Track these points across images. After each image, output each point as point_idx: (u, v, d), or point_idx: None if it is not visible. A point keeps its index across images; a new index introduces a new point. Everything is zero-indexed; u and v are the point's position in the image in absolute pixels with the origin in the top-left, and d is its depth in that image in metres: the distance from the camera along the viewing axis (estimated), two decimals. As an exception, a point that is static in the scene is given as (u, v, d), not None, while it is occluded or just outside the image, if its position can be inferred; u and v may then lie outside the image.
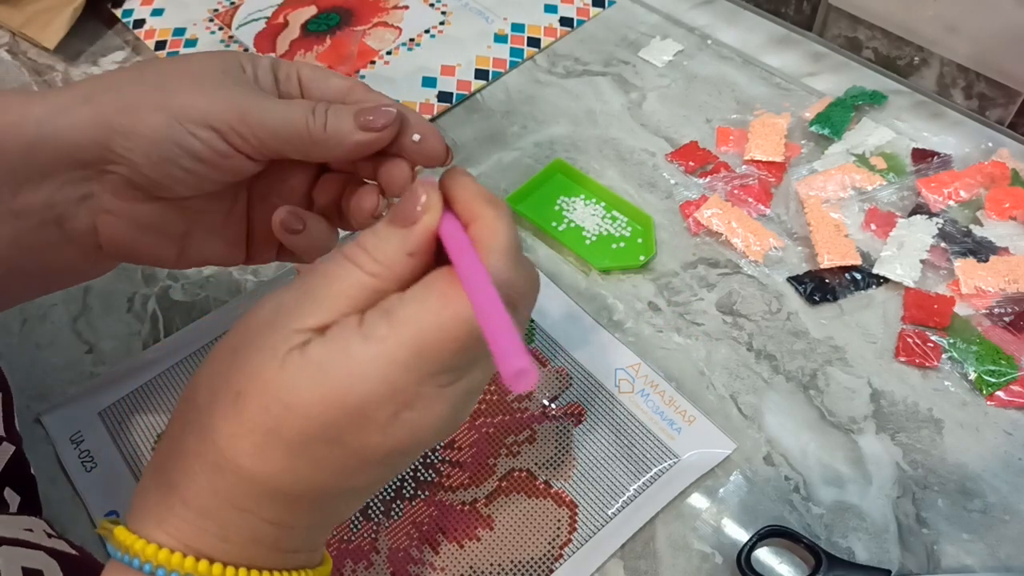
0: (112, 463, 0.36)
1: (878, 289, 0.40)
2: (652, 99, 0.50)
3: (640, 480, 0.34)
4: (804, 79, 0.50)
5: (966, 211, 0.43)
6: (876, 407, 0.36)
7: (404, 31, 0.55)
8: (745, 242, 0.42)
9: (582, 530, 0.33)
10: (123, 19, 0.57)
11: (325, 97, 0.28)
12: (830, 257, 0.41)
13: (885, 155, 0.45)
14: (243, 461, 0.21)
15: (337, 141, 0.27)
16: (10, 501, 0.31)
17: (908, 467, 0.35)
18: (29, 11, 0.56)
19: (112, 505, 0.34)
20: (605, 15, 0.56)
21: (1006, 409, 0.36)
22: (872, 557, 0.32)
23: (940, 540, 0.33)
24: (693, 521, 0.34)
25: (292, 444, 0.21)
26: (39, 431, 0.37)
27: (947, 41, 0.48)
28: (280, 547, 0.23)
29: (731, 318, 0.40)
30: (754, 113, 0.48)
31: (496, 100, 0.51)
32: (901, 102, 0.48)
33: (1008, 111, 0.48)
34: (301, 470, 0.22)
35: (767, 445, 0.36)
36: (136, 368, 0.39)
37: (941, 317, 0.38)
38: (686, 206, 0.44)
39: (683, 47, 0.53)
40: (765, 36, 0.53)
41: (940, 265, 0.41)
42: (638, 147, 0.47)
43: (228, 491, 0.22)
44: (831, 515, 0.34)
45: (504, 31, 0.55)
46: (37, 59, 0.56)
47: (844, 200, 0.43)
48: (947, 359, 0.38)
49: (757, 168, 0.45)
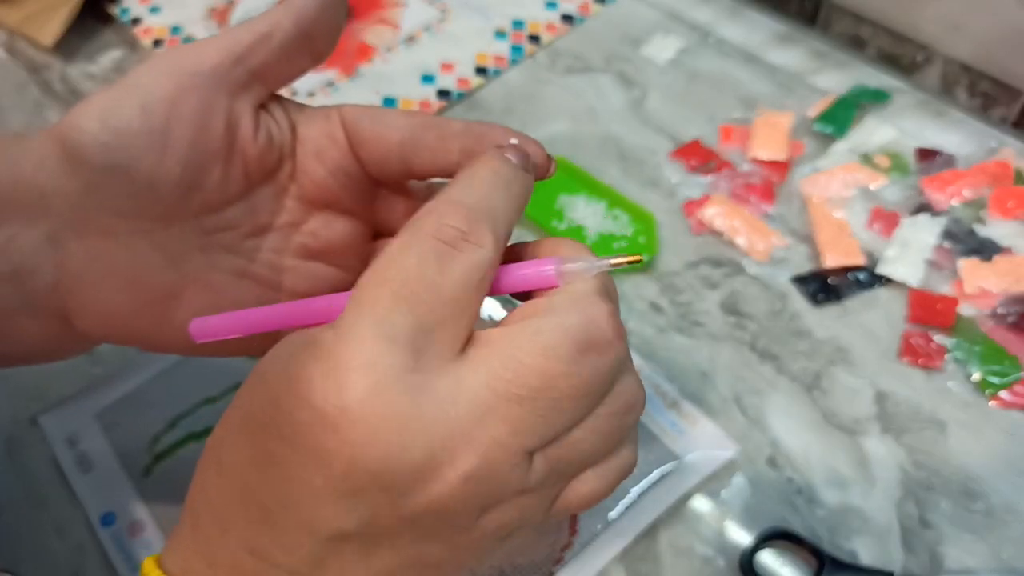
0: (109, 465, 0.36)
1: (882, 289, 0.40)
2: (654, 97, 0.50)
3: (642, 482, 0.34)
4: (807, 77, 0.50)
5: (970, 210, 0.43)
6: (880, 408, 0.36)
7: (403, 28, 0.55)
8: (748, 241, 0.42)
9: (583, 533, 0.33)
10: (120, 17, 0.57)
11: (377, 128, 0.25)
12: (834, 257, 0.41)
13: (889, 154, 0.45)
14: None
15: None
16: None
17: (911, 469, 0.34)
18: (26, 9, 0.55)
19: (109, 507, 0.34)
20: (606, 12, 0.55)
21: (1009, 410, 0.36)
22: (875, 559, 0.32)
23: (943, 542, 0.33)
24: (695, 524, 0.33)
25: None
26: (36, 432, 0.37)
27: (950, 40, 0.48)
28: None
29: (734, 318, 0.40)
30: (757, 111, 0.48)
31: (496, 97, 0.51)
32: (904, 101, 0.48)
33: (1011, 110, 0.47)
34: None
35: (770, 447, 0.35)
36: (134, 369, 0.38)
37: (945, 318, 0.38)
38: (688, 205, 0.44)
39: (685, 44, 0.52)
40: (767, 33, 0.53)
41: (944, 265, 0.40)
42: (640, 145, 0.47)
43: None
44: (834, 517, 0.33)
45: (504, 28, 0.54)
46: (35, 57, 0.55)
47: (848, 199, 0.43)
48: (950, 360, 0.37)
49: (760, 167, 0.45)
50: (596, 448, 0.20)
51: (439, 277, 0.19)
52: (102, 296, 0.24)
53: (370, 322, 0.18)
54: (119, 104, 0.23)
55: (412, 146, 0.24)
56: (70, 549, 0.34)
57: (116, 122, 0.22)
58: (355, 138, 0.25)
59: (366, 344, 0.18)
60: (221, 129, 0.24)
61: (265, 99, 0.25)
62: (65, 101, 0.52)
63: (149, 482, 0.35)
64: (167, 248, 0.24)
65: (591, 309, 0.20)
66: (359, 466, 0.18)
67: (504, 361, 0.19)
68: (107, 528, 0.34)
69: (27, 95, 0.53)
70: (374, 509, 0.18)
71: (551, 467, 0.20)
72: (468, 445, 0.18)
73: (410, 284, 0.19)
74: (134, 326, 0.25)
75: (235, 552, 0.20)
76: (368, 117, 0.25)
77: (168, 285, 0.25)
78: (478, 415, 0.18)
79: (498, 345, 0.19)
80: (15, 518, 0.35)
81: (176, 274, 0.25)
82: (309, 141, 0.25)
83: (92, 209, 0.23)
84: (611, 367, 0.20)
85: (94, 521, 0.34)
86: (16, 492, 0.36)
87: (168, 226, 0.24)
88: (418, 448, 0.18)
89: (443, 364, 0.19)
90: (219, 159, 0.24)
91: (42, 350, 0.26)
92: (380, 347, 0.18)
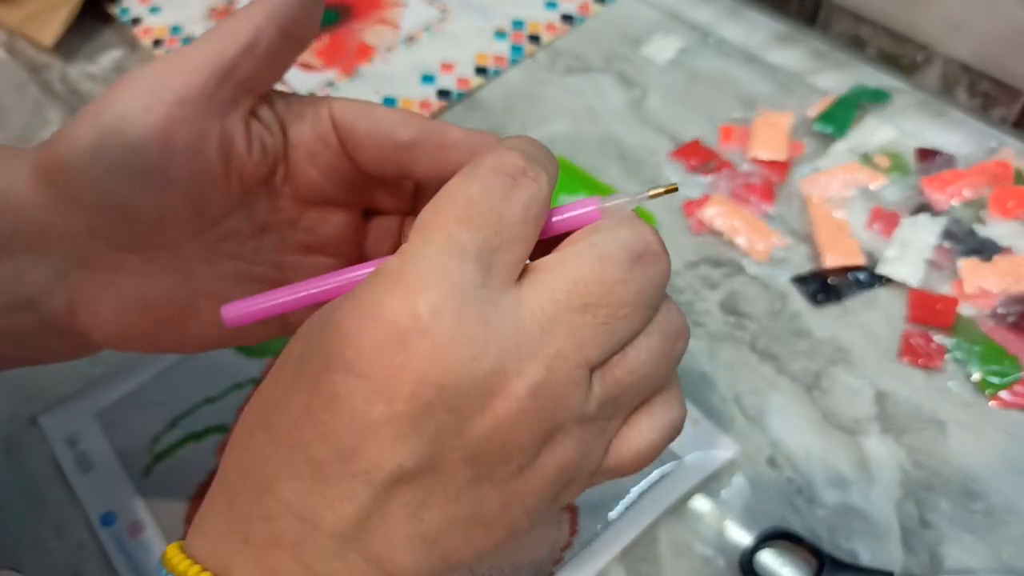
0: (109, 465, 0.36)
1: (882, 289, 0.40)
2: (654, 97, 0.50)
3: (642, 482, 0.34)
4: (807, 77, 0.50)
5: (970, 210, 0.43)
6: (880, 408, 0.36)
7: (403, 28, 0.55)
8: (748, 241, 0.42)
9: (583, 533, 0.33)
10: (120, 17, 0.57)
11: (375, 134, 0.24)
12: (834, 257, 0.41)
13: (889, 154, 0.45)
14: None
15: None
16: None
17: (911, 469, 0.34)
18: (26, 9, 0.55)
19: (110, 507, 0.34)
20: (606, 12, 0.55)
21: (1009, 410, 0.36)
22: (875, 559, 0.32)
23: (943, 542, 0.33)
24: (695, 524, 0.33)
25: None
26: (36, 432, 0.37)
27: (950, 40, 0.48)
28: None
29: (734, 318, 0.40)
30: (757, 111, 0.48)
31: (496, 97, 0.51)
32: (904, 101, 0.48)
33: (1011, 110, 0.47)
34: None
35: (770, 447, 0.35)
36: (134, 369, 0.38)
37: (945, 317, 0.38)
38: (688, 205, 0.44)
39: (685, 44, 0.52)
40: (767, 33, 0.53)
41: (944, 265, 0.40)
42: (640, 145, 0.47)
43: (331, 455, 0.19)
44: (834, 517, 0.33)
45: (504, 28, 0.54)
46: (35, 57, 0.55)
47: (848, 199, 0.43)
48: (950, 360, 0.37)
49: (760, 167, 0.45)
50: (649, 373, 0.21)
51: (502, 204, 0.19)
52: (116, 321, 0.24)
53: (438, 241, 0.19)
54: (106, 143, 0.22)
55: (411, 155, 0.24)
56: (70, 549, 0.34)
57: (107, 163, 0.22)
58: (350, 141, 0.25)
59: (435, 260, 0.18)
60: (216, 153, 0.23)
61: (254, 106, 0.24)
62: (65, 101, 0.52)
63: (149, 482, 0.35)
64: (175, 268, 0.25)
65: (639, 225, 0.21)
66: (427, 381, 0.18)
67: (565, 275, 0.19)
68: (107, 528, 0.34)
69: (27, 95, 0.53)
70: (437, 436, 0.18)
71: (608, 392, 0.20)
72: (534, 357, 0.19)
73: (475, 208, 0.19)
74: (152, 340, 0.25)
75: (275, 520, 0.19)
76: (365, 121, 0.24)
77: (180, 302, 0.25)
78: (543, 326, 0.19)
79: (556, 264, 0.20)
80: (15, 518, 0.35)
81: (187, 290, 0.25)
82: (301, 145, 0.25)
83: (96, 246, 0.23)
84: (662, 279, 0.21)
85: (94, 521, 0.34)
86: (16, 492, 0.36)
87: (173, 249, 0.24)
88: (487, 358, 0.18)
89: (507, 283, 0.19)
90: (217, 180, 0.24)
91: (62, 358, 0.27)
92: (450, 262, 0.18)
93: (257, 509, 0.20)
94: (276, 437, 0.20)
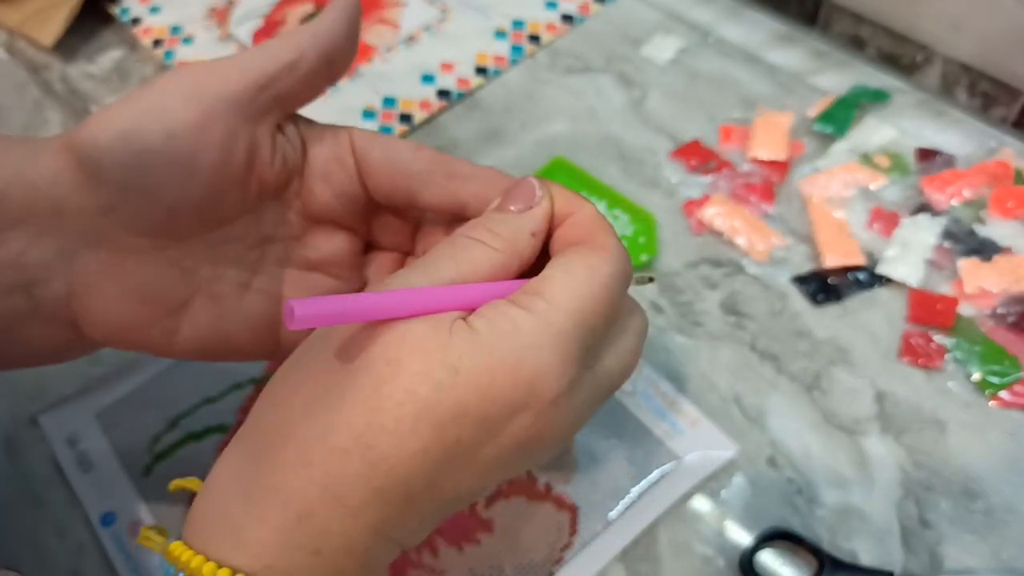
0: (109, 465, 0.36)
1: (882, 289, 0.40)
2: (654, 97, 0.50)
3: (641, 482, 0.34)
4: (807, 77, 0.50)
5: (970, 211, 0.43)
6: (880, 408, 0.36)
7: (403, 28, 0.55)
8: (748, 241, 0.42)
9: (583, 533, 0.33)
10: (120, 17, 0.57)
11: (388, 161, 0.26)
12: (834, 257, 0.41)
13: (889, 154, 0.45)
14: (381, 439, 0.20)
15: None
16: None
17: (911, 469, 0.34)
18: (26, 9, 0.55)
19: (110, 507, 0.34)
20: (606, 12, 0.55)
21: (1009, 410, 0.36)
22: (875, 559, 0.32)
23: (943, 542, 0.33)
24: (695, 524, 0.33)
25: (442, 421, 0.20)
26: (36, 432, 0.37)
27: (950, 40, 0.48)
28: (366, 563, 0.21)
29: (734, 318, 0.40)
30: (757, 111, 0.48)
31: (496, 97, 0.51)
32: (904, 100, 0.48)
33: (1011, 110, 0.47)
34: (437, 455, 0.20)
35: (770, 447, 0.35)
36: (134, 369, 0.38)
37: (945, 317, 0.38)
38: (688, 205, 0.44)
39: (685, 44, 0.52)
40: (767, 33, 0.53)
41: (944, 265, 0.40)
42: (640, 145, 0.47)
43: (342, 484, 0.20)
44: (834, 517, 0.33)
45: (504, 28, 0.54)
46: (35, 57, 0.55)
47: (848, 199, 0.43)
48: (950, 360, 0.37)
49: (760, 167, 0.45)
50: None
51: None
52: (113, 308, 0.25)
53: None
54: (143, 126, 0.23)
55: (420, 183, 0.25)
56: (70, 549, 0.34)
57: (139, 145, 0.23)
58: (365, 167, 0.26)
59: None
60: (243, 155, 0.24)
61: (282, 121, 0.25)
62: (65, 101, 0.52)
63: (149, 482, 0.35)
64: (179, 262, 0.25)
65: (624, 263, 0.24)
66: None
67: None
68: (107, 528, 0.34)
69: (27, 95, 0.53)
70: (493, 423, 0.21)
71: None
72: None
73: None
74: (142, 335, 0.26)
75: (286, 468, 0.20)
76: (380, 148, 0.26)
77: (178, 297, 0.25)
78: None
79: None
80: (15, 518, 0.35)
81: (186, 287, 0.25)
82: (318, 163, 0.26)
83: (108, 226, 0.24)
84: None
85: (94, 521, 0.34)
86: (16, 492, 0.36)
87: (180, 242, 0.25)
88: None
89: None
90: (238, 182, 0.25)
91: (49, 354, 0.26)
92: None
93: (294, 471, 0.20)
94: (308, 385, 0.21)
